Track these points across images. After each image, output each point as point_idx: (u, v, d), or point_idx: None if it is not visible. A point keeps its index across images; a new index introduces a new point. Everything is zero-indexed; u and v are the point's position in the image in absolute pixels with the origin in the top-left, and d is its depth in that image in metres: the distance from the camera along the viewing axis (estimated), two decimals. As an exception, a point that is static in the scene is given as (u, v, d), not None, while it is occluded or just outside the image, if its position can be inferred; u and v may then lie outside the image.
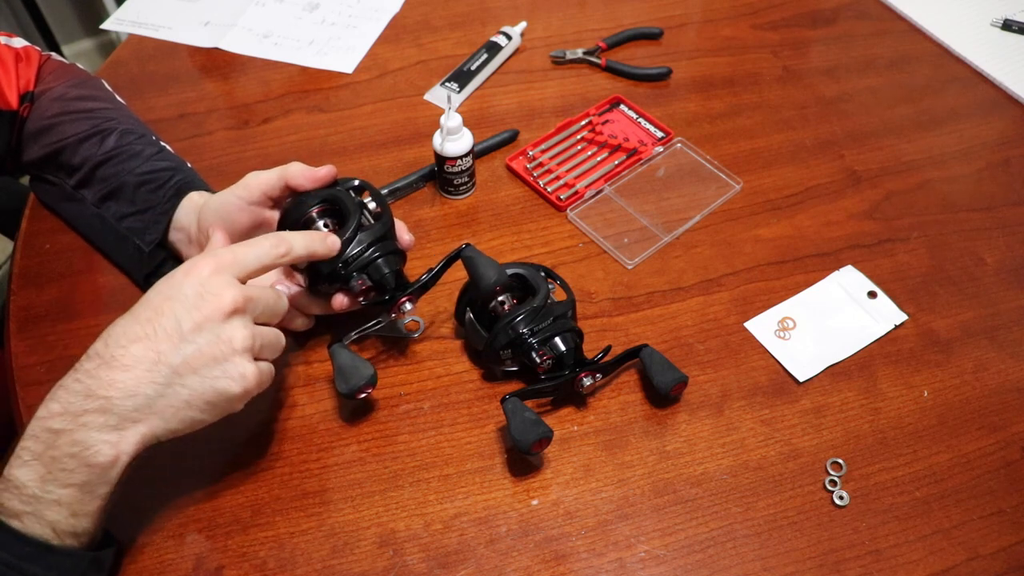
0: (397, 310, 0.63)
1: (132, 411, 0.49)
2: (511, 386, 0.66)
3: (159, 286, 0.52)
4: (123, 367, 0.49)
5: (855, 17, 1.03)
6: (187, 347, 0.50)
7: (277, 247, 0.55)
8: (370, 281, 0.62)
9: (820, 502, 0.60)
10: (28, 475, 0.47)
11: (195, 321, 0.50)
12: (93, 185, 0.71)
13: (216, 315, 0.50)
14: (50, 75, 0.76)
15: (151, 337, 0.49)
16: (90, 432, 0.48)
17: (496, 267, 0.62)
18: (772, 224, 0.79)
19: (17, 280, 0.73)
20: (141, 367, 0.49)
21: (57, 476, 0.47)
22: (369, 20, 1.01)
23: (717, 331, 0.70)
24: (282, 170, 0.63)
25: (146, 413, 0.49)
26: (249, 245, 0.55)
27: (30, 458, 0.47)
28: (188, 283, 0.51)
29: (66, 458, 0.47)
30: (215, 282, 0.51)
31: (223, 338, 0.51)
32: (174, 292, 0.51)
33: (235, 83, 0.93)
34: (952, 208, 0.81)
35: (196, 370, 0.50)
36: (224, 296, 0.51)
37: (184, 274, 0.52)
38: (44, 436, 0.48)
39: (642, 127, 0.88)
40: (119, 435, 0.48)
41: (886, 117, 0.90)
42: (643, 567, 0.57)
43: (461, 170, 0.78)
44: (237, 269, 0.53)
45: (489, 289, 0.62)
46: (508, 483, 0.61)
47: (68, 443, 0.47)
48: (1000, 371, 0.68)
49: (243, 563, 0.57)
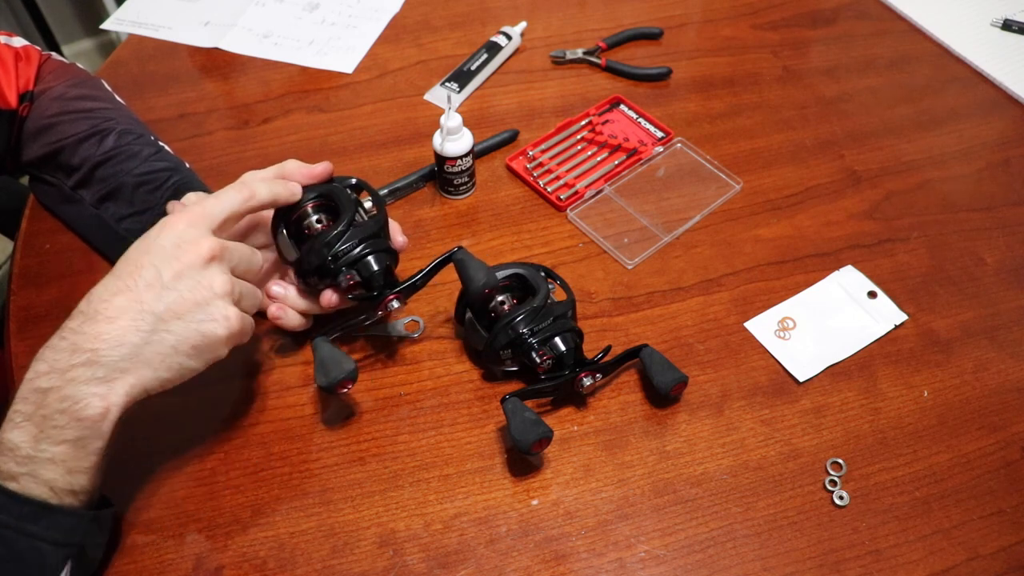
0: (384, 307, 0.62)
1: (119, 361, 0.49)
2: (511, 386, 0.66)
3: (136, 244, 0.53)
4: (107, 319, 0.49)
5: (855, 17, 1.03)
6: (169, 294, 0.51)
7: (241, 191, 0.57)
8: (359, 277, 0.62)
9: (820, 502, 0.60)
10: (21, 436, 0.48)
11: (175, 269, 0.51)
12: (92, 186, 0.71)
13: (195, 261, 0.52)
14: (50, 75, 0.76)
15: (132, 289, 0.50)
16: (78, 386, 0.48)
17: (486, 269, 0.62)
18: (772, 224, 0.79)
19: (17, 280, 0.73)
20: (125, 317, 0.50)
21: (49, 434, 0.48)
22: (369, 20, 1.01)
23: (717, 331, 0.70)
24: (278, 168, 0.63)
25: (133, 363, 0.50)
26: (216, 196, 0.56)
27: (21, 420, 0.48)
28: (164, 236, 0.53)
29: (56, 414, 0.48)
30: (191, 233, 0.53)
31: (203, 283, 0.52)
32: (151, 245, 0.52)
33: (235, 83, 0.93)
34: (952, 208, 0.81)
35: (180, 315, 0.51)
36: (201, 244, 0.53)
37: (159, 229, 0.53)
38: (33, 396, 0.48)
39: (642, 127, 0.88)
40: (108, 387, 0.49)
41: (886, 117, 0.90)
42: (643, 567, 0.57)
43: (461, 170, 0.78)
44: (209, 220, 0.54)
45: (478, 292, 0.62)
46: (508, 483, 0.61)
47: (57, 399, 0.48)
48: (1000, 371, 0.68)
49: (243, 563, 0.57)
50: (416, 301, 0.72)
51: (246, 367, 0.67)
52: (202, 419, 0.64)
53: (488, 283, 0.61)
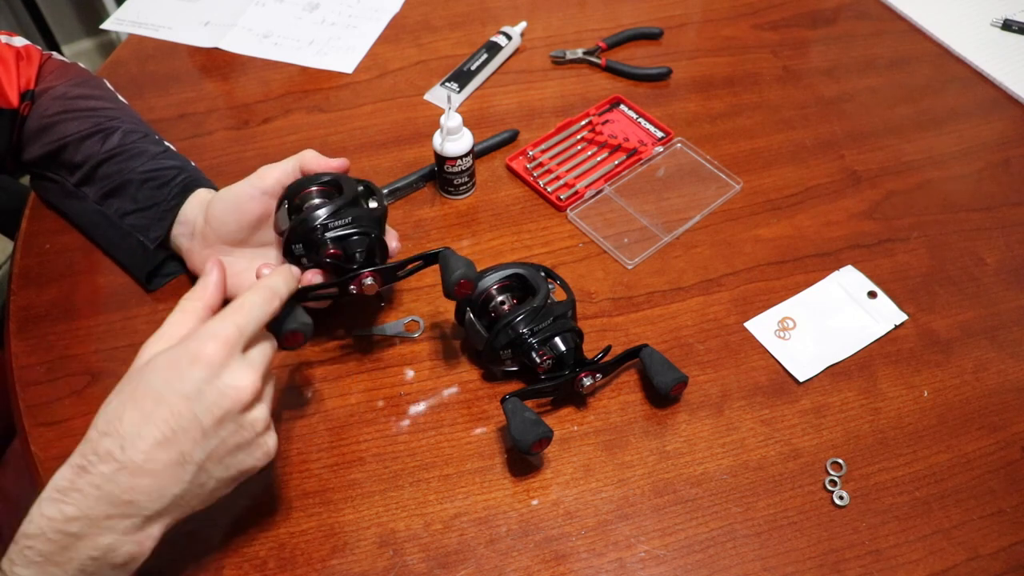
0: (359, 284, 0.61)
1: (158, 510, 0.48)
2: (511, 386, 0.66)
3: (163, 374, 0.48)
4: (146, 472, 0.47)
5: (855, 17, 1.03)
6: (211, 442, 0.49)
7: (271, 302, 0.53)
8: (341, 251, 0.62)
9: (820, 502, 0.60)
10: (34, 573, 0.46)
11: (216, 417, 0.48)
12: (95, 183, 0.71)
13: (236, 408, 0.49)
14: (51, 74, 0.76)
15: (171, 440, 0.47)
16: (115, 536, 0.47)
17: (467, 264, 0.61)
18: (772, 224, 0.79)
19: (17, 280, 0.73)
20: (167, 472, 0.47)
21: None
22: (369, 20, 1.01)
23: (717, 331, 0.70)
24: (298, 157, 0.65)
25: (171, 508, 0.49)
26: (244, 310, 0.51)
27: (42, 560, 0.45)
28: (199, 375, 0.48)
29: (87, 560, 0.46)
30: (229, 372, 0.49)
31: (245, 426, 0.50)
32: (187, 387, 0.48)
33: (235, 83, 0.93)
34: (952, 208, 0.81)
35: (221, 459, 0.50)
36: (242, 390, 0.49)
37: (190, 363, 0.48)
38: (59, 538, 0.45)
39: (642, 127, 0.88)
40: (144, 534, 0.48)
41: (886, 117, 0.90)
42: (643, 567, 0.57)
43: (461, 170, 0.78)
44: (243, 341, 0.51)
45: (453, 283, 0.60)
46: (508, 483, 0.61)
47: (90, 547, 0.46)
48: (1000, 371, 0.68)
49: (243, 563, 0.57)
50: (416, 301, 0.72)
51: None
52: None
53: (466, 275, 0.60)
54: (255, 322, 0.52)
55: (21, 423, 0.63)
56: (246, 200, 0.64)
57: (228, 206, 0.65)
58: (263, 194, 0.64)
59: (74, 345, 0.68)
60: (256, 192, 0.64)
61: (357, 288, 0.62)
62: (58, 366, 0.66)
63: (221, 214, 0.65)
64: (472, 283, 0.61)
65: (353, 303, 0.70)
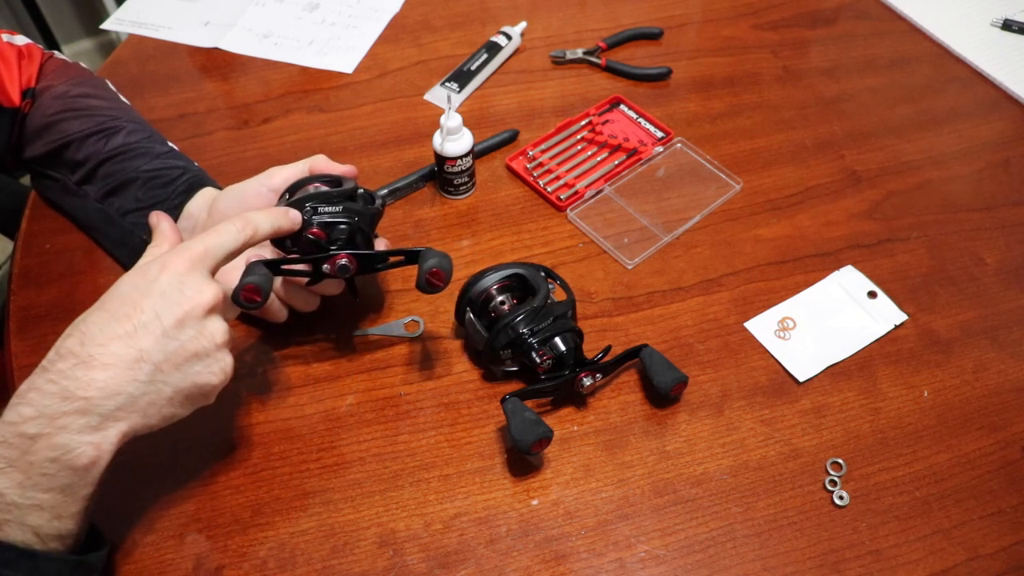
0: (333, 265, 0.60)
1: (114, 410, 0.48)
2: (511, 386, 0.66)
3: (132, 279, 0.51)
4: (103, 365, 0.47)
5: (855, 17, 1.03)
6: (170, 343, 0.49)
7: (243, 230, 0.55)
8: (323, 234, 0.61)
9: (820, 502, 0.60)
10: (5, 482, 0.46)
11: (176, 317, 0.50)
12: (97, 181, 0.71)
13: (197, 311, 0.50)
14: (52, 73, 0.77)
15: (131, 335, 0.48)
16: (71, 435, 0.47)
17: (443, 256, 0.60)
18: (772, 224, 0.79)
19: (17, 280, 0.73)
20: (122, 365, 0.48)
21: (37, 481, 0.46)
22: (369, 20, 1.01)
23: (717, 331, 0.70)
24: (309, 160, 0.66)
25: (127, 411, 0.48)
26: (217, 233, 0.54)
27: (5, 465, 0.46)
28: (165, 279, 0.51)
29: (46, 463, 0.46)
30: (193, 279, 0.51)
31: (205, 334, 0.51)
32: (150, 287, 0.50)
33: (235, 83, 0.93)
34: (952, 208, 0.81)
35: (178, 366, 0.50)
36: (204, 292, 0.51)
37: (160, 269, 0.51)
38: (18, 441, 0.46)
39: (642, 127, 0.88)
40: (101, 435, 0.48)
41: (886, 117, 0.90)
42: (643, 567, 0.57)
43: (461, 170, 0.78)
44: (209, 260, 0.53)
45: (426, 271, 0.59)
46: (508, 483, 0.61)
47: (47, 447, 0.46)
48: (1000, 371, 0.68)
49: (243, 563, 0.57)
50: (416, 301, 0.72)
51: (246, 367, 0.67)
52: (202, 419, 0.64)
53: (440, 265, 0.59)
54: (224, 246, 0.54)
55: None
56: (252, 196, 0.64)
57: (233, 201, 0.65)
58: (269, 191, 0.64)
59: (74, 345, 0.68)
60: (262, 189, 0.64)
61: (331, 268, 0.61)
62: (58, 366, 0.66)
63: (226, 208, 0.65)
64: (445, 275, 0.60)
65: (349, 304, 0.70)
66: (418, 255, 0.62)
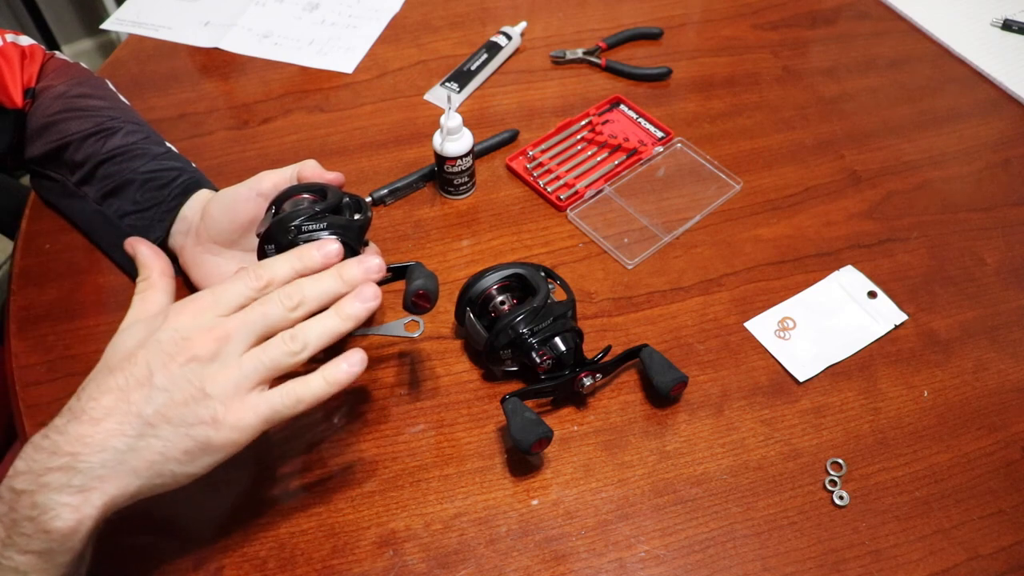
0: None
1: (98, 468, 0.45)
2: (511, 386, 0.66)
3: (133, 329, 0.49)
4: (92, 420, 0.45)
5: (855, 17, 1.03)
6: (159, 395, 0.46)
7: (259, 279, 0.51)
8: None
9: (820, 502, 0.60)
10: None
11: (168, 369, 0.47)
12: (95, 182, 0.71)
13: (188, 362, 0.47)
14: (52, 73, 0.77)
15: (122, 388, 0.46)
16: (50, 494, 0.44)
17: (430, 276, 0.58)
18: (772, 224, 0.79)
19: (17, 280, 0.73)
20: (111, 419, 0.45)
21: (16, 541, 0.44)
22: (369, 20, 1.01)
23: (717, 331, 0.70)
24: (298, 166, 0.64)
25: (115, 470, 0.45)
26: (231, 284, 0.51)
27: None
28: (164, 329, 0.48)
29: (25, 521, 0.43)
30: (189, 325, 0.48)
31: (194, 383, 0.47)
32: (149, 339, 0.48)
33: (235, 83, 0.93)
34: (952, 208, 0.81)
35: (169, 419, 0.46)
36: (196, 340, 0.47)
37: (162, 320, 0.49)
38: (8, 496, 0.44)
39: (642, 127, 0.88)
40: (82, 497, 0.44)
41: (886, 117, 0.90)
42: (643, 567, 0.57)
43: (461, 170, 0.78)
44: (220, 310, 0.49)
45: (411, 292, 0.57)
46: (508, 483, 0.61)
47: (28, 505, 0.44)
48: (1000, 371, 0.68)
49: (243, 563, 0.57)
50: (416, 301, 0.72)
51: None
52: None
53: (426, 287, 0.57)
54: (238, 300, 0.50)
55: (21, 423, 0.63)
56: (241, 201, 0.64)
57: (224, 206, 0.65)
58: (258, 196, 0.63)
59: (74, 345, 0.68)
60: (252, 194, 0.63)
61: None
62: (58, 366, 0.66)
63: (217, 213, 0.65)
64: (431, 296, 0.57)
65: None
66: (405, 271, 0.60)
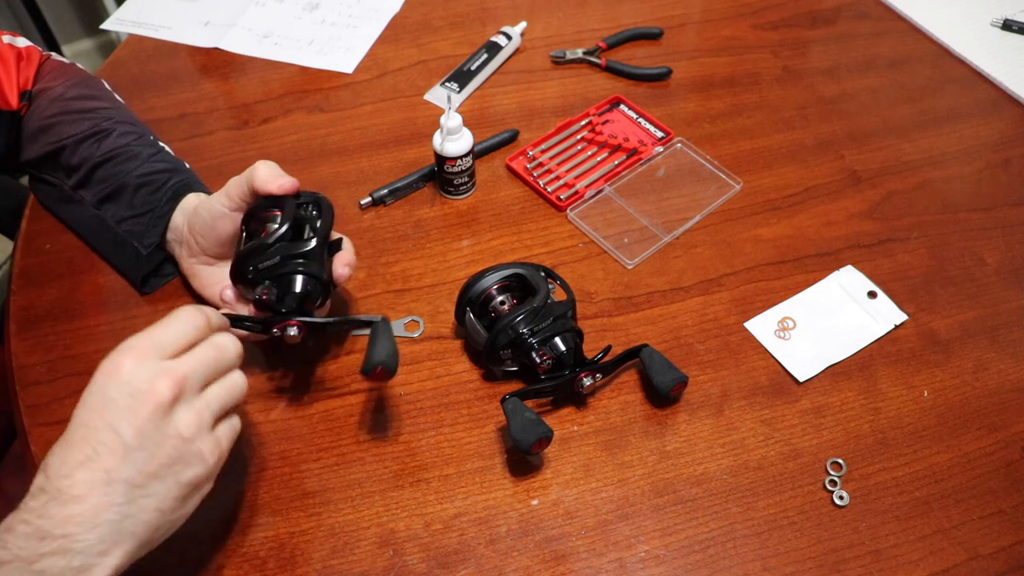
0: (282, 330, 0.58)
1: (98, 543, 0.43)
2: (511, 386, 0.66)
3: (85, 399, 0.47)
4: (74, 498, 0.43)
5: (855, 17, 1.03)
6: (137, 456, 0.45)
7: (194, 319, 0.50)
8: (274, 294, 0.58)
9: (820, 502, 0.60)
10: None
11: (135, 426, 0.45)
12: (92, 186, 0.71)
13: (155, 412, 0.46)
14: (49, 74, 0.76)
15: (93, 458, 0.44)
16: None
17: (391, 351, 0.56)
18: (772, 224, 0.79)
19: (17, 280, 0.73)
20: (95, 494, 0.44)
21: None
22: (369, 20, 1.01)
23: (717, 331, 0.70)
24: (252, 171, 0.60)
25: (114, 541, 0.44)
26: (165, 325, 0.49)
27: None
28: (113, 386, 0.46)
29: None
30: (141, 375, 0.46)
31: (171, 434, 0.46)
32: (101, 401, 0.46)
33: (235, 83, 0.93)
34: (952, 208, 0.81)
35: (155, 475, 0.46)
36: (156, 389, 0.46)
37: (106, 376, 0.46)
38: None
39: (642, 127, 0.88)
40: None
41: (886, 117, 0.90)
42: (643, 567, 0.57)
43: (461, 170, 0.78)
44: (158, 352, 0.48)
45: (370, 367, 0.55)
46: (508, 483, 0.61)
47: None
48: (1000, 371, 0.68)
49: (243, 563, 0.57)
50: (416, 301, 0.72)
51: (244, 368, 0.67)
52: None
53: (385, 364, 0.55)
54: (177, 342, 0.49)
55: (21, 423, 0.63)
56: (219, 218, 0.62)
57: (204, 225, 0.63)
58: (232, 211, 0.62)
59: (74, 345, 0.68)
60: (225, 211, 0.62)
61: (280, 332, 0.58)
62: (58, 366, 0.66)
63: (201, 229, 0.64)
64: (389, 373, 0.56)
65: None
66: (371, 326, 0.59)
